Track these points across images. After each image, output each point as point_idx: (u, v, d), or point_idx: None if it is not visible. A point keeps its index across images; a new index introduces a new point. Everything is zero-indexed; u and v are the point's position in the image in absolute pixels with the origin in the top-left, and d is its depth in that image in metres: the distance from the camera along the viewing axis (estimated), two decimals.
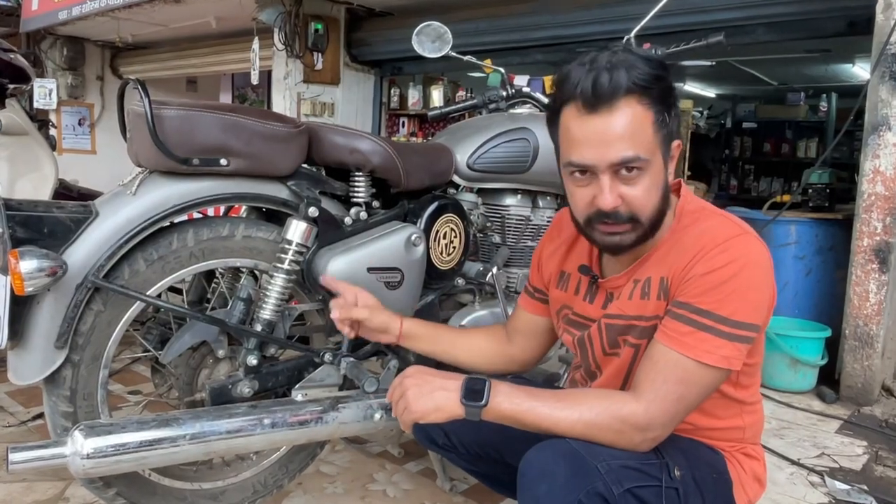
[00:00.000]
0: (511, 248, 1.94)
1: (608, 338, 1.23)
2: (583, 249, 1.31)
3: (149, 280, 1.43)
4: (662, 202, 1.12)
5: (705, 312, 1.07)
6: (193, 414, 1.42)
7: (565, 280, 1.35)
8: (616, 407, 1.08)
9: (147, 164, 1.41)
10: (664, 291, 1.14)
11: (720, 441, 1.23)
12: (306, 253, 1.54)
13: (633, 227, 1.11)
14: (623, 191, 1.09)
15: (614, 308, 1.22)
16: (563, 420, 1.08)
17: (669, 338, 1.09)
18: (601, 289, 1.26)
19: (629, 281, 1.20)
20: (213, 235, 1.49)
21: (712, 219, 1.15)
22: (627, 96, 1.05)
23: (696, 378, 1.08)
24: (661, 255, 1.16)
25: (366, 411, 1.57)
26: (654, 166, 1.09)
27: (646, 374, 1.10)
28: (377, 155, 1.61)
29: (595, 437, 1.08)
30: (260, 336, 1.52)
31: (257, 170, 1.48)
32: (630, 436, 1.08)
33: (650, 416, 1.07)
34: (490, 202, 1.95)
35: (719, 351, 1.06)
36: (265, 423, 1.46)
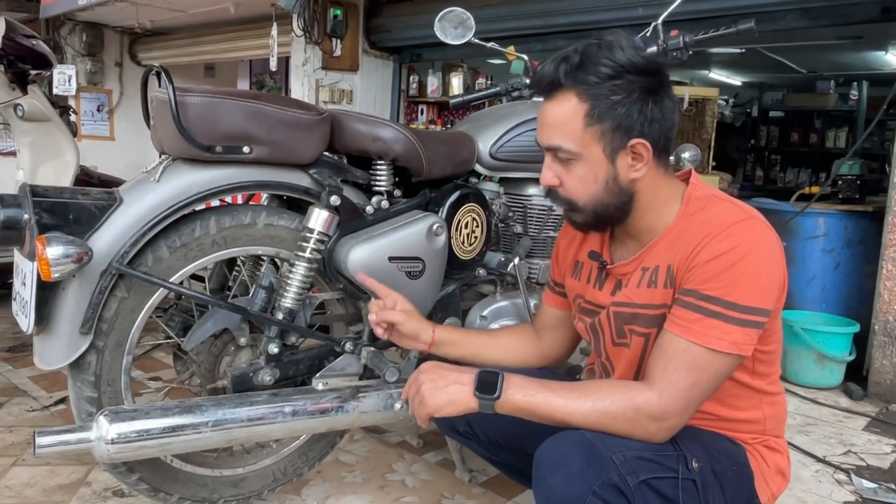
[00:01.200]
0: (533, 238, 1.94)
1: (615, 327, 1.25)
2: (595, 237, 1.34)
3: (172, 267, 1.45)
4: (606, 195, 1.17)
5: (712, 298, 1.09)
6: (215, 401, 1.44)
7: (579, 269, 1.38)
8: (629, 396, 1.10)
9: (170, 152, 1.43)
10: (671, 279, 1.16)
11: (741, 433, 1.24)
12: (328, 241, 1.56)
13: (574, 210, 1.20)
14: (560, 173, 1.18)
15: (622, 296, 1.24)
16: (577, 410, 1.10)
17: (678, 326, 1.11)
18: (610, 275, 1.29)
19: (637, 268, 1.22)
20: (234, 223, 1.51)
21: (718, 205, 1.17)
22: (565, 89, 1.14)
23: (706, 365, 1.09)
24: (669, 242, 1.18)
25: (386, 401, 1.60)
26: (588, 159, 1.15)
27: (656, 363, 1.12)
28: (400, 143, 1.62)
29: (609, 426, 1.10)
30: (281, 324, 1.54)
31: (279, 157, 1.49)
32: (644, 425, 1.09)
33: (664, 405, 1.08)
34: (512, 192, 1.95)
35: (728, 336, 1.08)
36: (286, 412, 1.49)
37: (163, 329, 1.65)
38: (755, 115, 8.14)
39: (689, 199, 1.20)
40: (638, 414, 1.08)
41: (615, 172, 1.17)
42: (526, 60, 2.00)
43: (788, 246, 3.24)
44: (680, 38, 1.76)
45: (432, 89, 5.41)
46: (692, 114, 4.20)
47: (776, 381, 1.27)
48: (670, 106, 1.17)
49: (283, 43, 4.83)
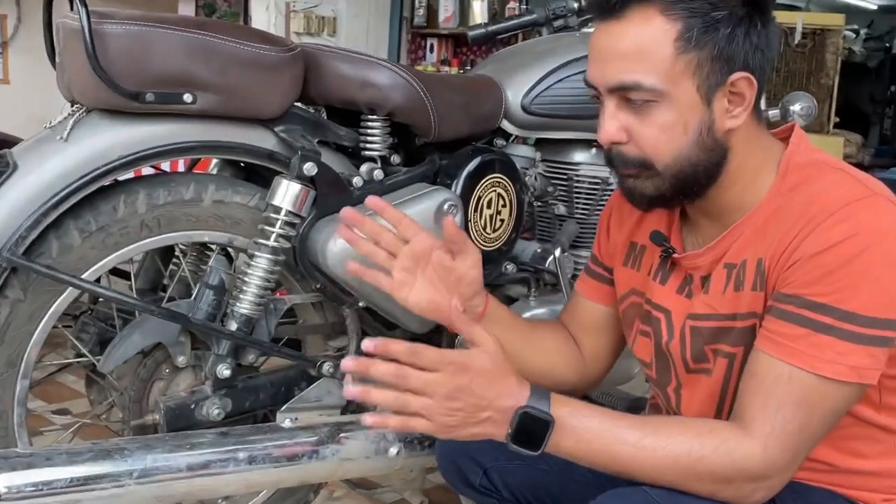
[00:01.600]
0: (581, 222, 1.94)
1: (692, 349, 1.25)
2: (661, 212, 1.33)
3: (85, 259, 1.46)
4: (697, 152, 1.15)
5: (821, 307, 1.07)
6: (143, 443, 1.45)
7: (637, 254, 1.38)
8: (726, 447, 1.09)
9: (84, 101, 1.44)
10: (761, 279, 1.15)
11: (866, 492, 1.22)
12: (300, 224, 1.57)
13: (647, 173, 1.17)
14: (631, 124, 1.15)
15: (702, 304, 1.23)
16: (651, 464, 1.10)
17: (776, 344, 1.09)
18: (678, 267, 1.29)
19: (718, 265, 1.21)
20: (172, 199, 1.51)
21: (828, 176, 1.15)
22: (644, 4, 1.11)
23: (819, 399, 1.08)
24: (758, 227, 1.17)
25: (378, 444, 1.60)
26: (677, 101, 1.12)
27: (753, 398, 1.10)
28: (399, 91, 1.62)
29: (692, 487, 1.09)
30: (235, 338, 1.55)
31: (234, 109, 1.50)
32: (739, 486, 1.09)
33: (769, 459, 1.07)
34: (553, 158, 1.96)
35: (845, 360, 1.06)
36: (240, 458, 1.49)
37: (72, 344, 1.67)
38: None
39: (789, 166, 1.18)
40: (734, 471, 1.08)
41: (710, 119, 1.15)
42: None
43: None
44: None
45: (446, 17, 5.40)
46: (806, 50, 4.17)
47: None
48: (775, 31, 1.16)
49: None
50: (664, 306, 1.30)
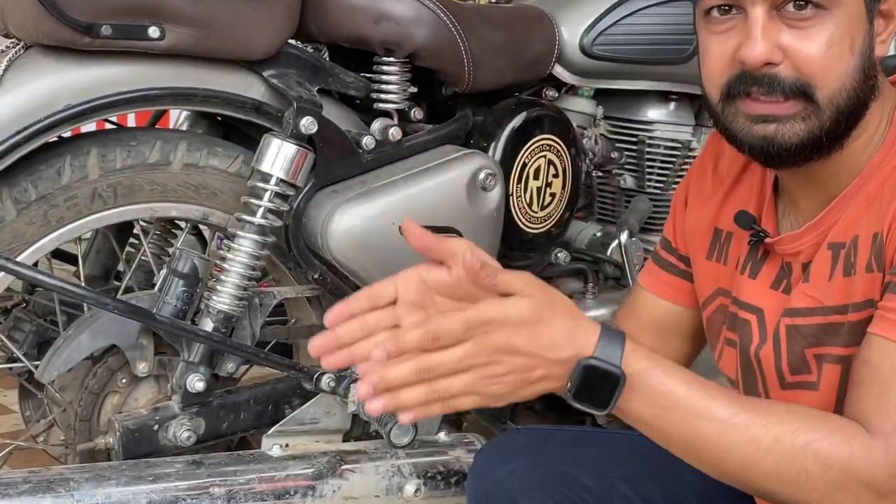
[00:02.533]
0: (655, 198, 1.94)
1: (790, 355, 1.25)
2: (750, 187, 1.35)
3: (21, 237, 1.47)
4: (860, 80, 1.14)
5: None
6: (93, 473, 1.46)
7: (723, 245, 1.38)
8: (840, 438, 1.07)
9: (21, 34, 1.45)
10: (878, 255, 1.15)
11: None
12: (294, 197, 1.57)
13: (803, 108, 1.14)
14: (787, 40, 1.12)
15: (800, 297, 1.23)
16: (742, 447, 1.08)
17: (893, 324, 1.09)
18: (772, 255, 1.29)
19: (822, 247, 1.21)
20: (132, 162, 1.52)
21: None
22: None
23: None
24: (871, 194, 1.17)
25: (390, 479, 1.61)
26: (846, 10, 1.12)
27: (866, 391, 1.10)
28: (424, 26, 1.63)
29: (788, 487, 1.09)
30: (211, 341, 1.55)
31: (212, 47, 1.50)
32: (854, 496, 1.07)
33: (890, 464, 1.06)
34: (619, 115, 1.96)
35: None
36: (216, 494, 1.50)
37: (1, 345, 1.67)
38: None
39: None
40: (848, 474, 1.06)
41: (871, 40, 1.16)
42: None
43: None
44: None
45: None
46: None
47: None
48: None
49: None
50: (755, 305, 1.30)
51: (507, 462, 1.42)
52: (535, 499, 1.39)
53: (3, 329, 1.67)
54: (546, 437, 1.47)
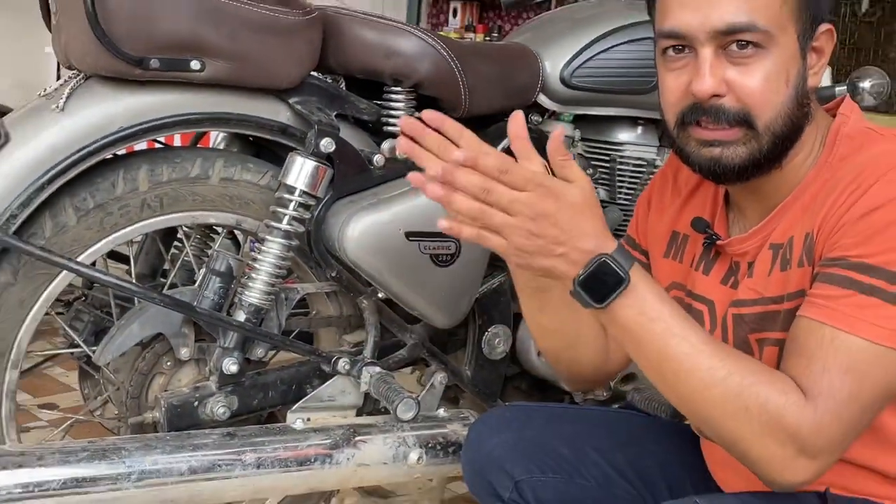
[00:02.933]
0: (624, 208, 1.93)
1: (735, 339, 1.25)
2: (704, 196, 1.35)
3: (81, 240, 1.46)
4: (794, 108, 1.16)
5: (867, 268, 1.07)
6: (142, 443, 1.45)
7: (679, 245, 1.38)
8: (779, 387, 1.07)
9: (82, 66, 1.44)
10: (809, 252, 1.15)
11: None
12: (315, 206, 1.56)
13: (744, 134, 1.15)
14: (731, 76, 1.13)
15: (746, 289, 1.23)
16: (701, 371, 1.08)
17: (817, 307, 1.09)
18: (722, 255, 1.29)
19: (764, 246, 1.22)
20: (176, 176, 1.51)
21: (879, 144, 1.16)
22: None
23: (867, 365, 1.07)
24: (806, 203, 1.18)
25: (396, 449, 1.60)
26: (782, 48, 1.13)
27: (794, 363, 1.10)
28: (428, 61, 1.62)
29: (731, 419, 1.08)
30: (243, 330, 1.55)
31: (245, 78, 1.50)
32: (781, 444, 1.06)
33: (819, 423, 1.05)
34: (594, 137, 1.95)
35: (889, 323, 1.06)
36: (247, 461, 1.49)
37: (64, 333, 1.67)
38: None
39: (837, 137, 1.20)
40: (780, 421, 1.06)
41: (804, 72, 1.17)
42: None
43: None
44: None
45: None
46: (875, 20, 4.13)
47: None
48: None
49: None
50: (707, 297, 1.31)
51: (497, 434, 1.42)
52: (519, 465, 1.40)
53: (66, 319, 1.66)
54: (530, 412, 1.46)
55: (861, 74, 1.86)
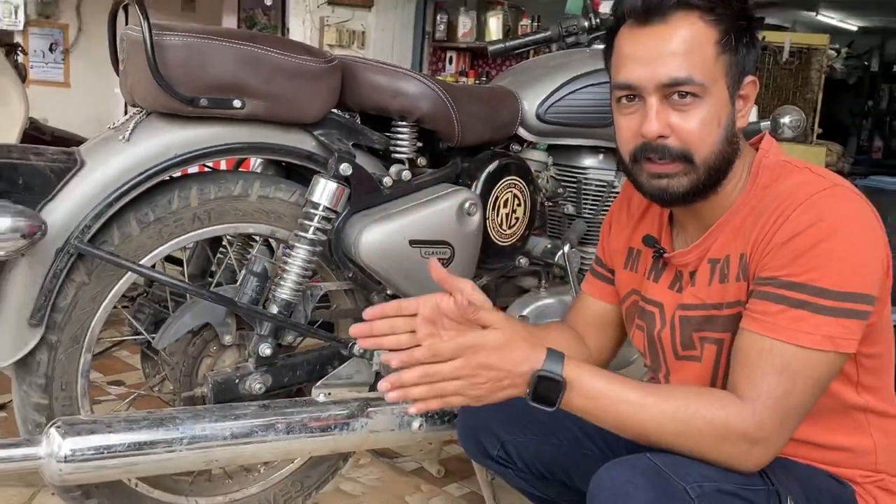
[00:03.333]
0: (588, 221, 1.95)
1: (681, 336, 1.27)
2: (652, 218, 1.37)
3: (143, 247, 1.48)
4: (725, 145, 1.18)
5: (797, 285, 1.09)
6: (193, 413, 1.47)
7: (634, 259, 1.40)
8: (719, 405, 1.10)
9: (144, 104, 1.45)
10: (744, 270, 1.17)
11: (847, 469, 1.23)
12: (335, 220, 1.58)
13: (685, 168, 1.17)
14: (674, 120, 1.15)
15: (690, 296, 1.25)
16: (652, 418, 1.11)
17: (757, 322, 1.12)
18: (668, 266, 1.31)
19: (703, 261, 1.24)
20: (221, 194, 1.53)
21: (795, 175, 1.18)
22: (685, 10, 1.14)
23: (799, 367, 1.09)
24: (737, 225, 1.20)
25: (402, 418, 1.62)
26: (714, 97, 1.15)
27: (740, 370, 1.13)
28: (427, 100, 1.63)
29: (689, 443, 1.10)
30: (276, 320, 1.56)
31: (278, 114, 1.51)
32: (734, 444, 1.09)
33: (759, 420, 1.08)
34: (563, 163, 1.96)
35: (820, 330, 1.08)
36: (279, 428, 1.51)
37: (129, 323, 1.68)
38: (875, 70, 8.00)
39: (759, 168, 1.21)
40: (729, 429, 1.09)
41: (733, 116, 1.19)
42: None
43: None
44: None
45: (464, 32, 5.39)
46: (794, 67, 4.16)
47: (888, 400, 1.26)
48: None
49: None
50: (657, 300, 1.32)
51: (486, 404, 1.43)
52: (504, 428, 1.42)
53: (131, 312, 1.67)
54: None
55: (781, 112, 1.88)
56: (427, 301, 1.12)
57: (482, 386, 1.11)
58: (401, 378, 1.10)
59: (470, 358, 1.09)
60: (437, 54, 5.60)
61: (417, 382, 1.10)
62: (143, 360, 1.76)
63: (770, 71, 4.12)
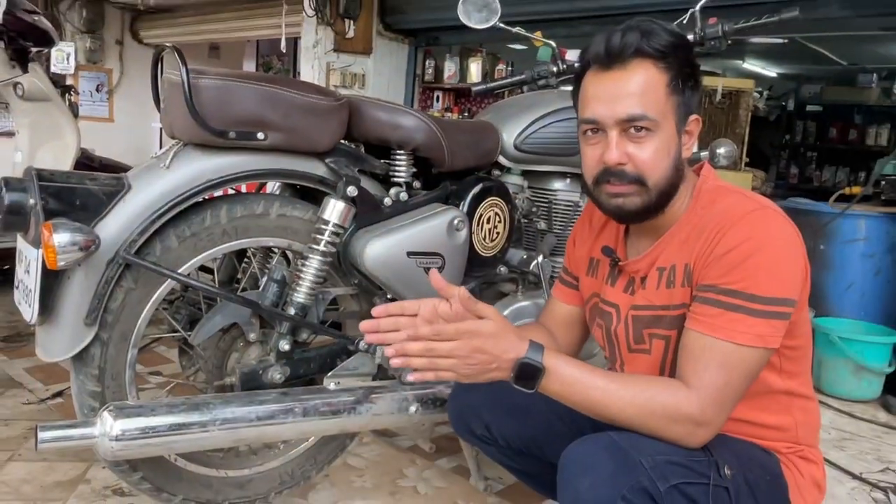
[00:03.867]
0: (558, 235, 1.95)
1: (634, 332, 1.28)
2: (610, 232, 1.38)
3: (180, 257, 1.47)
4: (673, 172, 1.20)
5: (732, 292, 1.11)
6: (223, 399, 1.47)
7: (594, 266, 1.41)
8: (671, 392, 1.12)
9: (182, 136, 1.45)
10: (688, 278, 1.19)
11: (773, 441, 1.25)
12: (343, 234, 1.57)
13: (639, 189, 1.18)
14: (630, 150, 1.17)
15: (641, 298, 1.26)
16: (615, 401, 1.12)
17: (700, 323, 1.14)
18: (623, 272, 1.32)
19: (652, 268, 1.25)
20: (246, 213, 1.52)
21: (729, 197, 1.20)
22: (641, 57, 1.16)
23: (735, 361, 1.11)
24: (682, 239, 1.21)
25: (401, 403, 1.62)
26: (665, 131, 1.17)
27: (686, 364, 1.14)
28: (421, 132, 1.63)
29: (646, 422, 1.11)
30: (293, 320, 1.56)
31: (295, 145, 1.51)
32: (682, 425, 1.11)
33: (702, 406, 1.10)
34: (536, 186, 1.96)
35: (752, 330, 1.10)
36: (296, 412, 1.51)
37: (168, 322, 1.67)
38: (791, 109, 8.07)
39: (700, 191, 1.24)
40: (678, 413, 1.10)
41: (679, 148, 1.21)
42: (554, 47, 2.00)
43: (826, 250, 3.22)
44: (718, 27, 1.74)
45: (449, 75, 5.40)
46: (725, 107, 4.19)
47: (807, 384, 1.29)
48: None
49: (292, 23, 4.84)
50: (614, 302, 1.33)
51: (473, 391, 1.43)
52: (487, 411, 1.43)
53: (170, 312, 1.66)
54: None
55: (717, 144, 1.89)
56: (427, 304, 1.12)
57: (473, 366, 1.11)
58: (405, 348, 1.11)
59: (466, 341, 1.10)
60: (426, 94, 5.61)
61: (419, 355, 1.11)
62: (181, 354, 1.75)
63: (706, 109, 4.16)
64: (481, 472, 1.95)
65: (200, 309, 1.62)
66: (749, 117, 4.27)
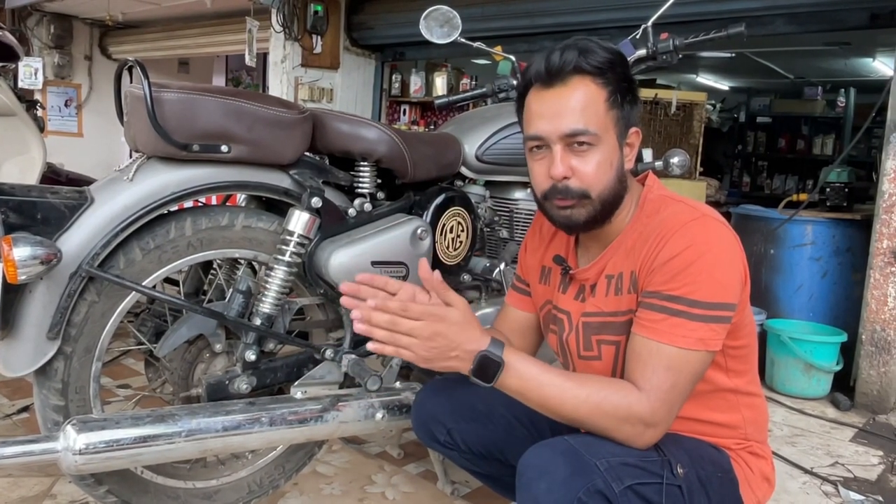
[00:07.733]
0: (519, 243, 1.94)
1: (584, 339, 1.28)
2: (560, 241, 1.38)
3: (145, 270, 1.43)
4: (616, 183, 1.20)
5: (674, 298, 1.12)
6: (189, 410, 1.43)
7: (546, 274, 1.41)
8: (623, 393, 1.12)
9: (145, 150, 1.41)
10: (634, 285, 1.20)
11: (723, 439, 1.26)
12: (308, 245, 1.55)
13: (583, 202, 1.19)
14: (574, 163, 1.17)
15: (591, 305, 1.27)
16: (569, 400, 1.12)
17: (645, 328, 1.14)
18: (573, 280, 1.32)
19: (601, 276, 1.25)
20: (211, 225, 1.49)
21: (671, 206, 1.21)
22: (580, 74, 1.17)
23: (680, 364, 1.12)
24: (628, 247, 1.22)
25: (367, 410, 1.59)
26: (606, 144, 1.18)
27: (634, 368, 1.15)
28: (384, 144, 1.62)
29: (598, 421, 1.12)
30: (259, 330, 1.53)
31: (259, 157, 1.48)
32: (633, 426, 1.11)
33: (652, 407, 1.11)
34: (498, 195, 1.96)
35: (694, 334, 1.11)
36: (263, 421, 1.48)
37: (134, 335, 1.63)
38: (742, 121, 8.22)
39: (645, 201, 1.25)
40: (629, 413, 1.11)
41: (622, 160, 1.21)
42: (514, 61, 2.01)
43: (776, 254, 3.27)
44: (670, 42, 1.77)
45: (415, 89, 5.41)
46: (679, 118, 4.24)
47: (753, 382, 1.30)
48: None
49: (261, 39, 4.80)
50: (566, 309, 1.33)
51: (435, 397, 1.43)
52: (449, 417, 1.42)
53: (135, 325, 1.62)
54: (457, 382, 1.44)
55: (671, 154, 1.90)
56: (407, 288, 1.14)
57: (432, 349, 1.11)
58: (371, 316, 1.10)
59: (430, 324, 1.10)
60: (393, 107, 5.61)
61: (382, 327, 1.10)
62: (147, 366, 1.71)
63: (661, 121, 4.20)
64: (448, 477, 1.94)
65: (166, 321, 1.59)
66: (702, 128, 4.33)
